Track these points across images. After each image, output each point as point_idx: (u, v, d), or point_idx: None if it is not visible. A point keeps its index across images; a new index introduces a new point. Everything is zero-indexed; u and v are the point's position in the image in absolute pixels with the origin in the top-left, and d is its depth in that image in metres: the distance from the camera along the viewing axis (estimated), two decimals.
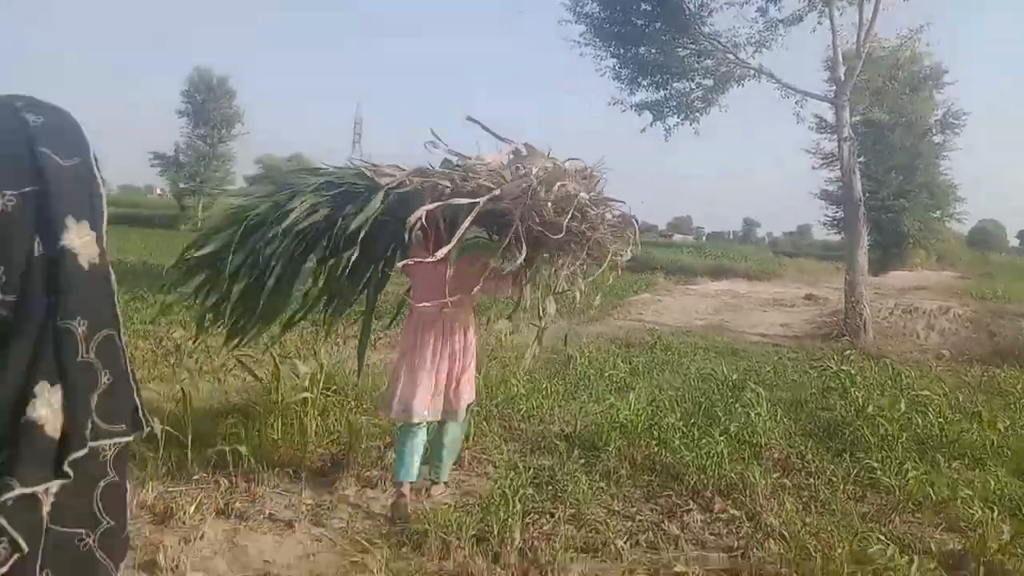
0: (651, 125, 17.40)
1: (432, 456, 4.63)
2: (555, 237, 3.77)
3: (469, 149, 4.21)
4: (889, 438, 6.18)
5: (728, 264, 34.36)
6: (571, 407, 7.03)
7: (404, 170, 4.06)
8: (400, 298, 5.21)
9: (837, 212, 38.83)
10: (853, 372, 8.13)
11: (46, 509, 1.12)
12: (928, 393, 7.01)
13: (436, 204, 3.74)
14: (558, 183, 3.86)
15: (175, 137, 49.41)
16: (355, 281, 4.56)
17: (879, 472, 5.43)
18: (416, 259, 4.13)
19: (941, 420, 6.44)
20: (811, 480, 5.42)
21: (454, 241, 3.82)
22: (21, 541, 1.06)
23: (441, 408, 4.38)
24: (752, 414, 6.37)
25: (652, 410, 6.51)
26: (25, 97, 1.20)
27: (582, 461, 5.48)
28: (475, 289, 4.07)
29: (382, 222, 3.92)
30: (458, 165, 4.08)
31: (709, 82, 16.17)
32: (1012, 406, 7.85)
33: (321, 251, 4.13)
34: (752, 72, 15.61)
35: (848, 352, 9.13)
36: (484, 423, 6.16)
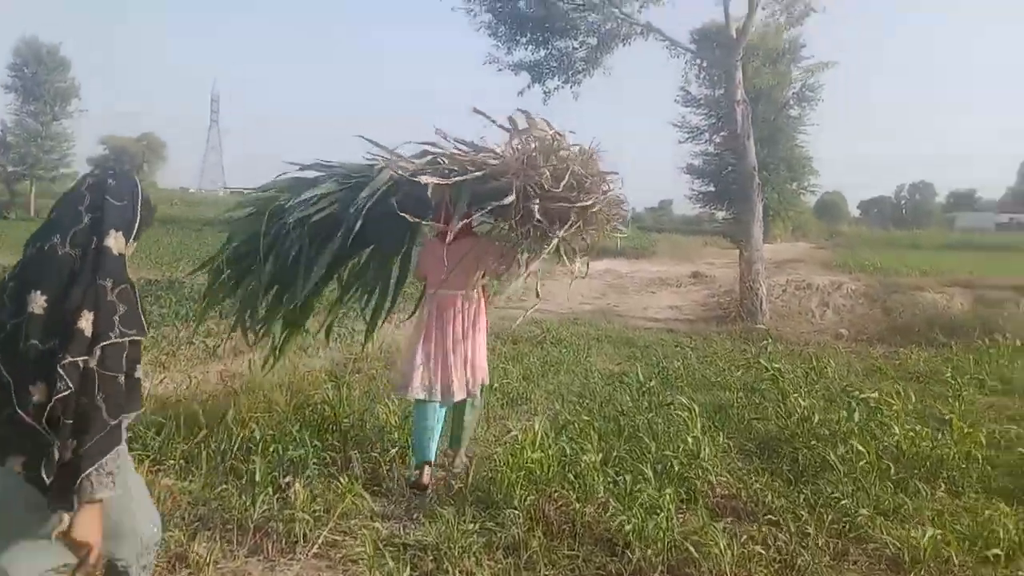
0: (529, 87, 15.97)
1: (452, 432, 4.91)
2: (554, 204, 3.92)
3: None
4: (848, 458, 4.99)
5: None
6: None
7: (415, 162, 4.24)
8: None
9: (704, 186, 39.18)
10: (777, 366, 6.95)
11: (92, 364, 1.95)
12: (877, 395, 5.89)
13: (457, 179, 4.00)
14: (555, 150, 4.04)
15: (1, 115, 44.14)
16: (377, 268, 4.81)
17: (858, 514, 4.20)
18: (442, 232, 4.25)
19: (909, 432, 5.30)
20: (777, 533, 4.11)
21: (457, 221, 4.11)
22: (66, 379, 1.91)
23: (455, 389, 4.53)
24: (689, 438, 4.99)
25: (562, 440, 5.03)
26: (119, 170, 2.28)
27: (477, 529, 3.94)
28: (482, 271, 4.46)
29: (397, 211, 4.08)
30: (457, 149, 4.28)
31: (593, 40, 14.82)
32: (953, 397, 6.95)
33: (342, 239, 4.15)
34: (639, 29, 14.39)
35: (765, 343, 8.07)
36: (341, 477, 4.48)
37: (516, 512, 4.10)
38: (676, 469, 4.64)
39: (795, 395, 6.19)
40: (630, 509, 4.04)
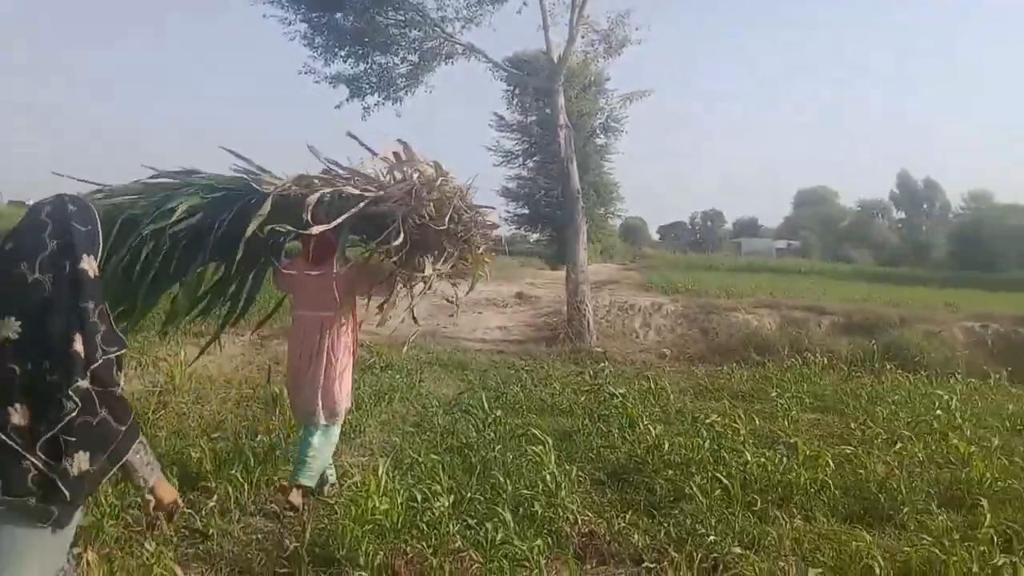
0: (347, 101, 15.27)
1: (298, 455, 4.54)
2: (434, 236, 4.03)
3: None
4: (703, 485, 4.85)
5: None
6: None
7: (283, 178, 4.12)
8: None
9: (519, 208, 40.13)
10: (621, 391, 6.81)
11: (86, 385, 2.01)
12: (717, 419, 5.86)
13: (344, 217, 3.93)
14: (438, 184, 4.11)
15: None
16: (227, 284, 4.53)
17: (726, 550, 4.00)
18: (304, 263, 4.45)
19: (759, 457, 5.24)
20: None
21: (342, 249, 4.18)
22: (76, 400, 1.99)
23: (315, 411, 4.48)
24: (547, 474, 4.62)
25: (408, 481, 4.50)
26: (72, 196, 2.26)
27: None
28: (352, 292, 4.49)
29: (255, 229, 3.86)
30: (339, 172, 4.22)
31: (415, 57, 14.40)
32: (782, 416, 7.12)
33: (199, 253, 3.92)
34: (461, 49, 14.15)
35: (602, 365, 7.96)
36: (147, 542, 3.68)
37: (363, 573, 3.53)
38: (538, 511, 4.24)
39: (643, 421, 6.02)
40: (493, 562, 3.60)
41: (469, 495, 4.50)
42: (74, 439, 2.00)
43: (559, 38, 13.20)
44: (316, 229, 3.85)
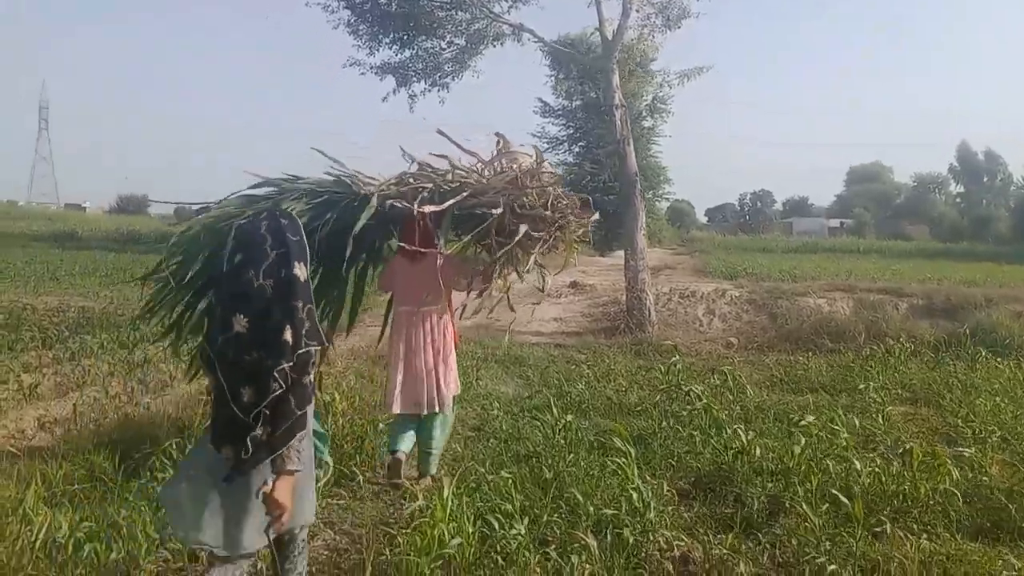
0: (394, 92, 14.87)
1: (420, 448, 4.78)
2: (531, 223, 4.15)
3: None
4: (806, 497, 4.28)
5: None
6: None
7: (379, 179, 4.23)
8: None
9: None
10: (700, 390, 6.25)
11: (288, 368, 2.43)
12: (812, 419, 5.26)
13: (452, 202, 4.09)
14: (539, 173, 4.33)
15: None
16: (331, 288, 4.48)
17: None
18: (413, 250, 4.42)
19: (869, 465, 4.65)
20: None
21: (442, 241, 4.51)
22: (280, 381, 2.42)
23: (424, 402, 4.62)
24: (632, 491, 4.10)
25: (479, 506, 4.03)
26: (281, 211, 2.88)
27: None
28: (453, 285, 4.60)
29: (363, 227, 3.94)
30: (435, 169, 4.32)
31: (461, 41, 13.90)
32: (875, 411, 6.49)
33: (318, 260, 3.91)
34: (509, 29, 13.61)
35: (674, 360, 7.39)
36: None
37: None
38: (628, 537, 3.73)
39: (730, 424, 5.46)
40: None
41: (545, 517, 4.01)
42: (268, 412, 2.43)
43: (612, 13, 12.59)
44: (428, 208, 3.98)
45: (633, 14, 12.59)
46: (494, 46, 13.94)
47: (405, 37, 14.00)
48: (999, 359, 9.22)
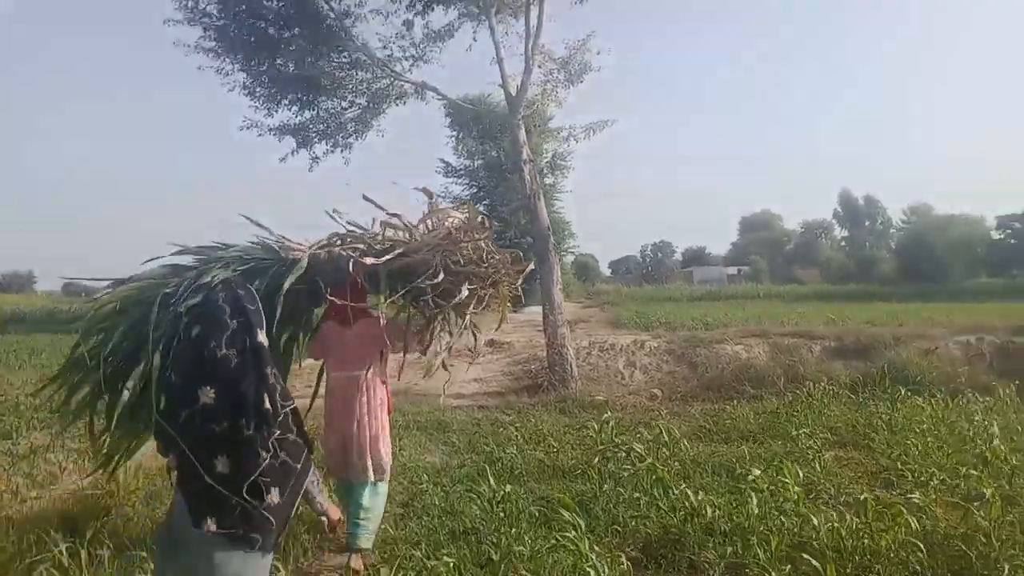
0: (294, 153, 14.40)
1: (348, 519, 4.52)
2: (463, 280, 4.07)
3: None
4: (770, 560, 4.04)
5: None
6: None
7: (306, 242, 4.21)
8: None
9: None
10: (640, 448, 6.00)
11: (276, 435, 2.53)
12: (759, 474, 5.06)
13: (388, 257, 4.02)
14: (472, 228, 4.28)
15: None
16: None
17: None
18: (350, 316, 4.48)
19: (828, 521, 4.44)
20: None
21: (385, 300, 4.16)
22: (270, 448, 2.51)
23: (357, 469, 4.51)
24: (587, 568, 3.76)
25: None
26: (237, 280, 2.94)
27: None
28: (387, 347, 4.52)
29: (290, 291, 3.85)
30: (364, 231, 4.34)
31: (363, 100, 13.64)
32: (812, 457, 6.37)
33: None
34: (413, 88, 13.45)
35: (606, 417, 7.11)
36: None
37: None
38: None
39: (674, 483, 5.20)
40: None
41: None
42: (268, 479, 2.47)
43: (514, 70, 12.61)
44: (369, 261, 3.95)
45: (535, 70, 12.60)
46: (397, 105, 13.74)
47: (305, 98, 13.65)
48: (917, 397, 9.38)
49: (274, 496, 2.49)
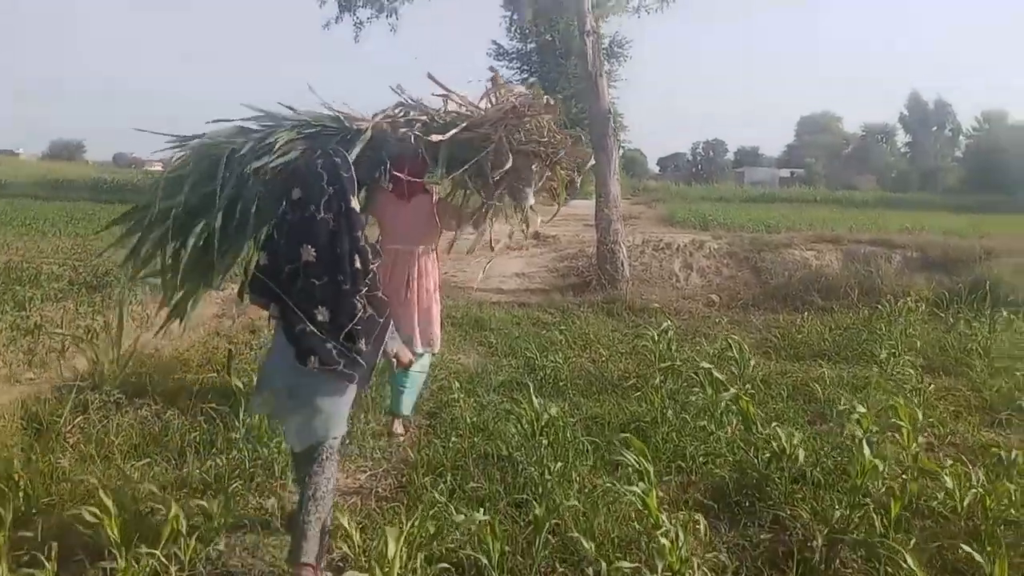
0: (337, 20, 13.19)
1: (393, 387, 4.74)
2: (523, 160, 3.97)
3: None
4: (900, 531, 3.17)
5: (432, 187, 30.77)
6: None
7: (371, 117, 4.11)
8: None
9: None
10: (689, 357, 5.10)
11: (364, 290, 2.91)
12: (863, 410, 4.11)
13: (452, 132, 3.87)
14: (536, 103, 4.11)
15: None
16: None
17: None
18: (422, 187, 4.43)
19: (958, 476, 3.51)
20: None
21: (443, 175, 4.03)
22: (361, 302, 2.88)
23: (417, 339, 4.52)
24: (660, 536, 2.89)
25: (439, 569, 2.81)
26: (334, 148, 3.17)
27: None
28: (446, 225, 4.48)
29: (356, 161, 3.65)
30: (424, 105, 4.20)
31: None
32: (912, 391, 5.41)
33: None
34: None
35: (665, 326, 6.19)
36: None
37: None
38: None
39: (758, 419, 4.30)
40: None
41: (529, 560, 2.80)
42: (359, 328, 2.86)
43: None
44: (435, 137, 3.87)
45: None
46: None
47: None
48: (1015, 318, 8.26)
49: (363, 344, 2.86)
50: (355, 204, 2.93)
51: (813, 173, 76.35)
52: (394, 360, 3.28)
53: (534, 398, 4.27)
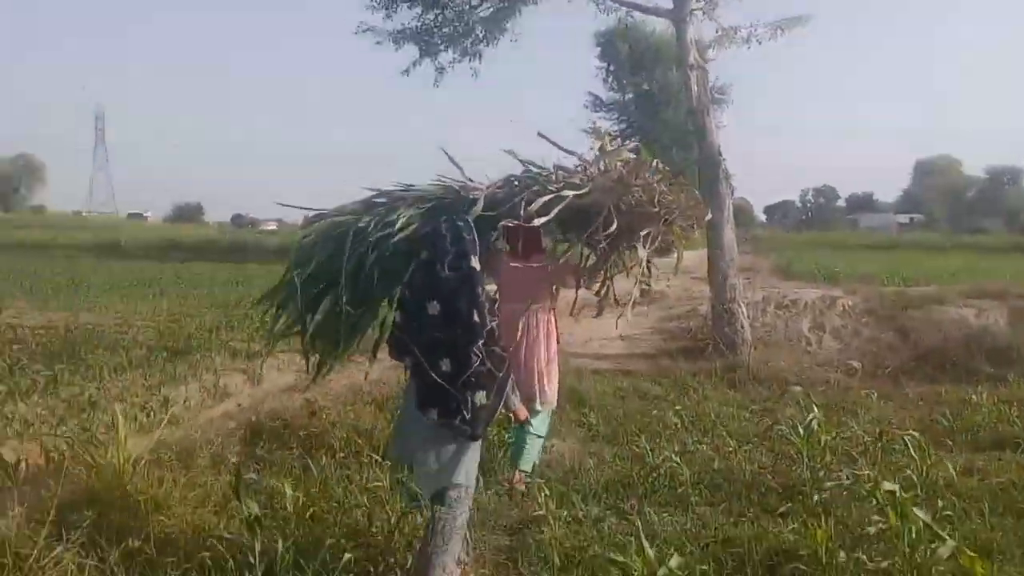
0: (416, 64, 12.53)
1: (515, 443, 4.90)
2: (638, 221, 4.10)
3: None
4: None
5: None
6: None
7: (487, 183, 4.25)
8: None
9: None
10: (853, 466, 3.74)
11: (481, 344, 3.13)
12: None
13: (559, 208, 3.92)
14: (643, 170, 4.21)
15: None
16: None
17: None
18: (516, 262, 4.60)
19: None
20: None
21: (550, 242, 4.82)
22: (478, 354, 3.11)
23: (535, 396, 4.73)
24: None
25: None
26: (459, 215, 3.41)
27: None
28: (558, 285, 4.79)
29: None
30: (539, 171, 4.31)
31: None
32: None
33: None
34: None
35: (812, 417, 4.84)
36: None
37: None
38: None
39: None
40: None
41: None
42: (474, 381, 3.04)
43: None
44: (539, 221, 3.93)
45: None
46: (536, 2, 11.47)
47: None
48: None
49: (481, 397, 3.06)
50: (475, 263, 3.18)
51: (934, 218, 72.22)
52: (511, 416, 3.51)
53: (646, 548, 3.00)
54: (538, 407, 4.71)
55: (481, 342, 3.04)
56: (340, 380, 6.64)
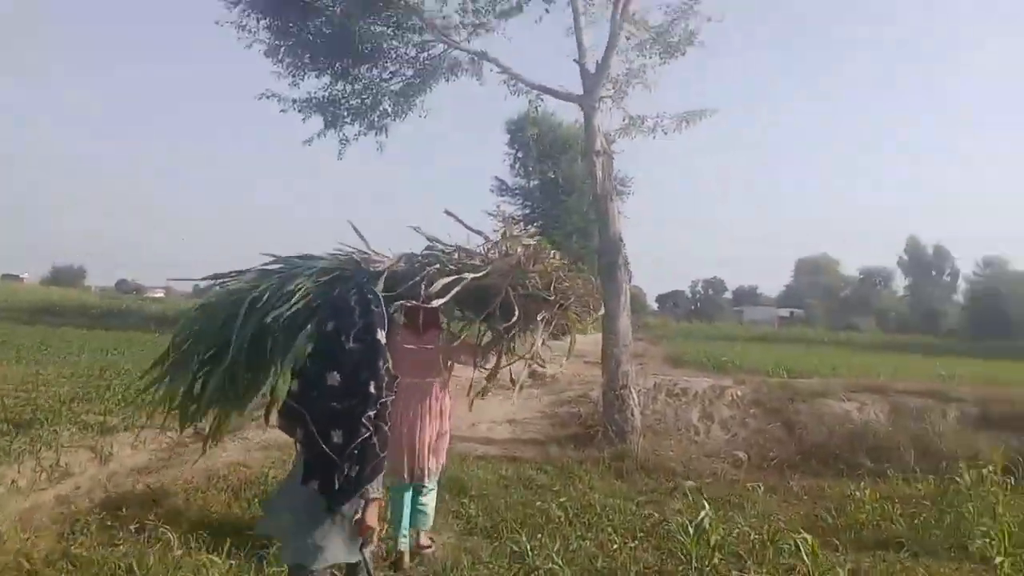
0: (321, 135, 12.24)
1: (415, 509, 4.94)
2: (533, 305, 4.39)
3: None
4: None
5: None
6: None
7: (390, 257, 4.57)
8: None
9: None
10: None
11: (373, 415, 3.15)
12: None
13: (456, 289, 4.25)
14: (541, 257, 4.57)
15: None
16: None
17: None
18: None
19: None
20: None
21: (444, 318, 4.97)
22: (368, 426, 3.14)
23: (425, 473, 4.82)
24: None
25: None
26: (367, 286, 3.61)
27: None
28: (452, 360, 4.87)
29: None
30: (441, 250, 4.66)
31: (409, 71, 11.39)
32: None
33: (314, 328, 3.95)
34: (470, 58, 11.13)
35: (703, 516, 4.62)
36: None
37: None
38: None
39: None
40: None
41: None
42: (357, 453, 3.06)
43: (593, 41, 10.14)
44: (437, 302, 4.17)
45: (623, 40, 10.16)
46: (447, 80, 11.45)
47: (339, 66, 11.47)
48: None
49: (356, 471, 3.07)
50: (381, 336, 3.26)
51: (813, 314, 75.95)
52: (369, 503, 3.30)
53: None
54: (428, 484, 4.87)
55: (373, 413, 3.08)
56: (199, 463, 6.04)
